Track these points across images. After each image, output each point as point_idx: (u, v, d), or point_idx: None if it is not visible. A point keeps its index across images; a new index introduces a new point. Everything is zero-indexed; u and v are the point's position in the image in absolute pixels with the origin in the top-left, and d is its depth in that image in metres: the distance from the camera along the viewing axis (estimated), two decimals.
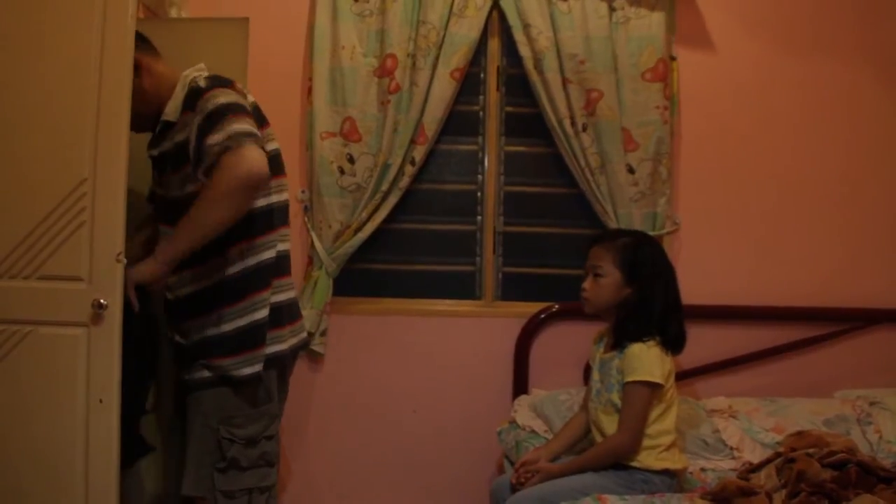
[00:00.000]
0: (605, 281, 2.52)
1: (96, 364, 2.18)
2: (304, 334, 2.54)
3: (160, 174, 2.39)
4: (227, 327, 2.30)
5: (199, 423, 2.31)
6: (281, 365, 2.42)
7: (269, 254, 2.33)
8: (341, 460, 3.30)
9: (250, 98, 2.35)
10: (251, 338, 2.31)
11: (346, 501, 3.29)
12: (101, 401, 2.17)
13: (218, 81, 2.28)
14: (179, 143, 2.27)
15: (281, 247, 2.38)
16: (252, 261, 2.31)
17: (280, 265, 2.38)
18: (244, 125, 2.17)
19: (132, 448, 2.40)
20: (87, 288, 2.17)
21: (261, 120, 2.34)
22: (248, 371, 2.30)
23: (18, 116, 2.22)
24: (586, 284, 2.57)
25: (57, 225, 2.18)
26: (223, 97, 2.21)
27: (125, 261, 2.18)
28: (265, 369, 2.33)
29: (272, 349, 2.35)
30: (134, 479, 2.63)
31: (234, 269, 2.30)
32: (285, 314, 2.40)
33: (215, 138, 2.14)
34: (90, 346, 2.17)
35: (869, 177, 3.42)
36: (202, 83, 2.26)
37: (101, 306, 2.15)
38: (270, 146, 2.35)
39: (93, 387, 2.18)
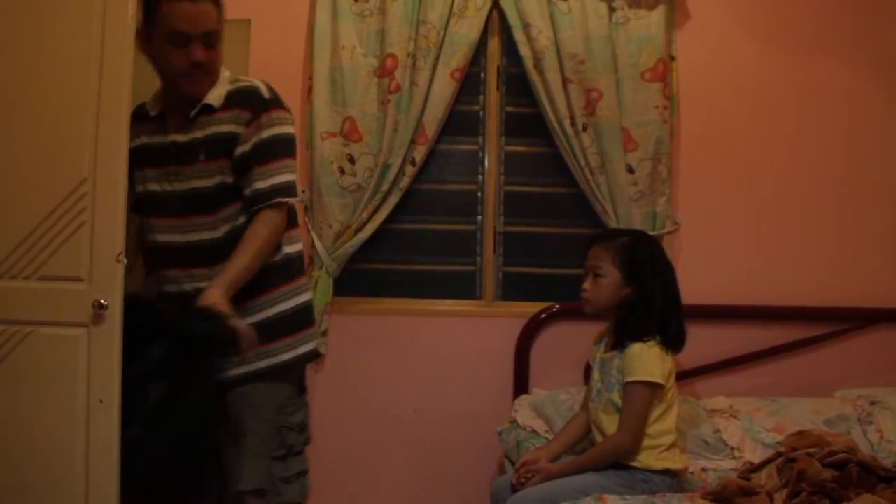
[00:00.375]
0: (604, 281, 2.52)
1: (97, 364, 2.17)
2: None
3: (184, 162, 2.35)
4: (284, 307, 2.39)
5: (252, 418, 2.34)
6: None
7: (298, 246, 2.47)
8: (342, 460, 3.29)
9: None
10: (307, 316, 2.46)
11: (346, 501, 3.29)
12: (101, 401, 2.17)
13: (278, 98, 2.38)
14: (223, 134, 2.31)
15: (299, 246, 2.49)
16: (290, 249, 2.43)
17: (301, 264, 2.51)
18: (294, 175, 2.36)
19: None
20: (87, 288, 2.17)
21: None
22: (306, 348, 2.43)
23: (18, 116, 2.21)
24: (586, 285, 2.57)
25: (57, 225, 2.17)
26: (289, 127, 2.36)
27: (125, 261, 2.18)
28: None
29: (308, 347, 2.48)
30: None
31: (276, 257, 2.38)
32: (313, 313, 2.53)
33: (271, 173, 2.30)
34: (91, 347, 2.17)
35: (869, 177, 3.42)
36: (264, 91, 2.35)
37: (101, 307, 2.14)
38: None
39: (93, 387, 2.17)
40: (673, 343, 2.50)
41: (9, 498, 2.21)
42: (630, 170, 3.22)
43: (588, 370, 2.76)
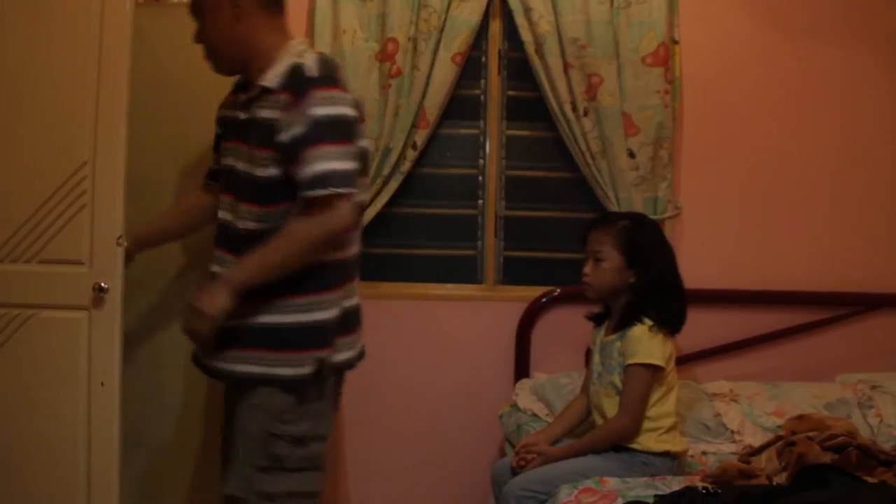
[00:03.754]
0: (605, 265, 2.52)
1: (98, 347, 2.19)
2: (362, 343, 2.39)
3: (240, 140, 2.18)
4: (289, 319, 2.13)
5: (247, 418, 2.15)
6: (343, 371, 2.30)
7: (350, 251, 2.23)
8: (341, 444, 3.30)
9: (351, 96, 2.16)
10: (313, 336, 2.16)
11: (346, 484, 3.30)
12: (102, 384, 2.19)
13: (327, 72, 2.11)
14: (270, 121, 2.08)
15: (356, 249, 2.28)
16: (330, 256, 2.16)
17: (355, 267, 2.29)
18: (342, 164, 2.05)
19: None
20: (88, 271, 2.18)
21: (359, 117, 2.19)
22: (291, 372, 2.12)
23: (18, 101, 2.22)
24: (587, 269, 2.57)
25: (58, 208, 2.18)
26: (334, 106, 2.06)
27: (126, 244, 2.18)
28: (331, 374, 2.21)
29: (342, 356, 2.23)
30: None
31: (327, 258, 2.15)
32: (355, 319, 2.30)
33: (315, 161, 2.02)
34: (91, 330, 2.19)
35: (871, 161, 3.40)
36: (311, 69, 2.09)
37: (101, 290, 2.16)
38: (361, 143, 2.21)
39: (94, 370, 2.19)
40: (673, 325, 2.50)
41: (11, 481, 2.22)
42: (631, 154, 3.22)
43: (589, 354, 2.77)
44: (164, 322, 2.66)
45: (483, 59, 3.39)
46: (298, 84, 2.06)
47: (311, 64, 2.10)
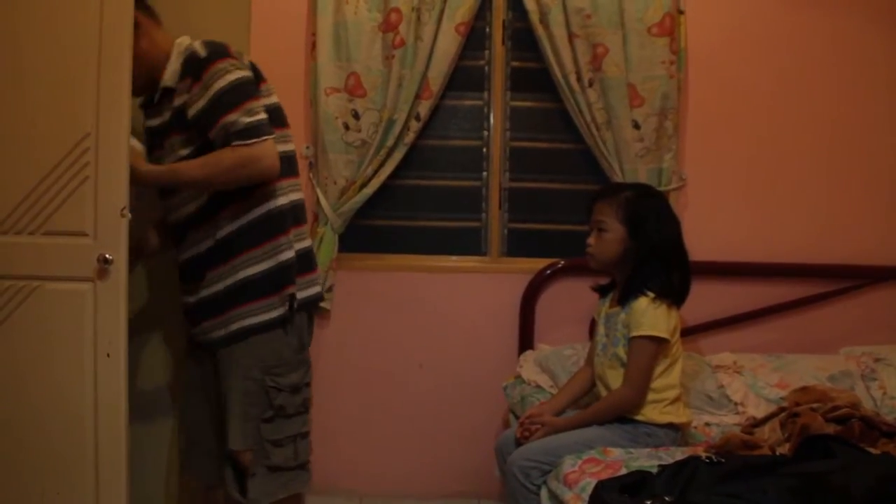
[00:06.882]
0: (608, 236, 2.52)
1: (103, 318, 2.19)
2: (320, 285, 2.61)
3: (159, 144, 2.43)
4: (261, 267, 2.36)
5: (240, 377, 2.35)
6: (311, 310, 2.50)
7: (283, 200, 2.40)
8: (346, 416, 3.32)
9: (245, 60, 2.40)
10: (280, 278, 2.38)
11: (351, 457, 3.32)
12: (108, 355, 2.19)
13: (215, 49, 2.33)
14: (179, 107, 2.33)
15: (294, 196, 2.46)
16: (274, 204, 2.38)
17: (297, 214, 2.47)
18: (260, 115, 2.29)
19: None
20: (92, 243, 2.18)
21: (258, 77, 2.41)
22: (275, 314, 2.37)
23: (20, 73, 2.21)
24: (591, 240, 2.57)
25: (61, 180, 2.18)
26: (231, 73, 2.28)
27: (129, 215, 2.18)
28: (298, 311, 2.41)
29: (306, 293, 2.45)
30: None
31: (250, 217, 2.36)
32: (312, 260, 2.52)
33: (234, 120, 2.24)
34: (97, 301, 2.19)
35: (876, 133, 3.38)
36: (200, 51, 2.32)
37: (106, 261, 2.16)
38: (269, 101, 2.41)
39: (100, 341, 2.19)
40: (677, 297, 2.50)
41: (17, 451, 2.23)
42: (636, 126, 3.20)
43: (593, 325, 2.77)
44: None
45: (487, 29, 3.36)
46: (195, 67, 2.30)
47: (198, 48, 2.33)
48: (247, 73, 2.33)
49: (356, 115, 3.16)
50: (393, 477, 3.34)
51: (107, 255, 2.15)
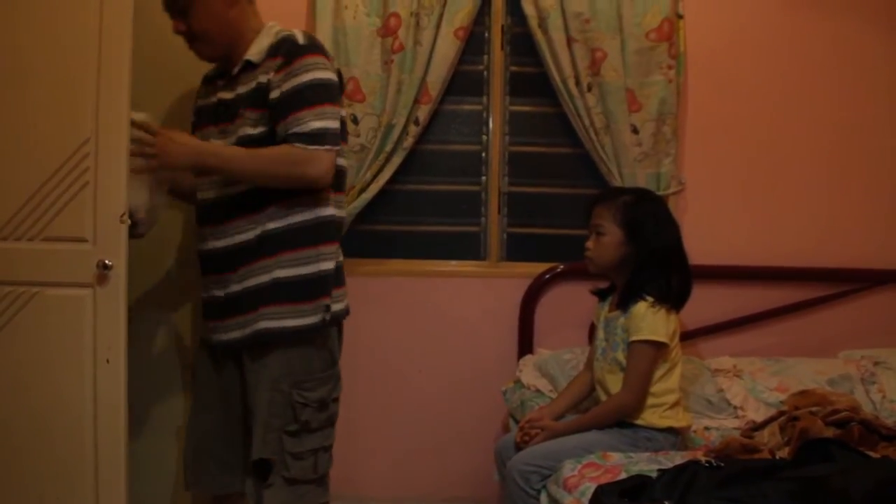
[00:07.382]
0: (606, 240, 2.52)
1: (102, 324, 2.18)
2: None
3: (230, 118, 2.34)
4: (289, 273, 2.30)
5: (268, 388, 2.29)
6: (340, 323, 2.47)
7: (334, 210, 2.38)
8: (346, 420, 3.28)
9: (335, 65, 2.38)
10: (317, 287, 2.33)
11: (350, 461, 3.31)
12: (107, 361, 2.19)
13: (314, 42, 2.32)
14: (261, 85, 2.27)
15: (341, 212, 2.45)
16: (325, 212, 2.34)
17: (340, 229, 2.45)
18: (333, 123, 2.26)
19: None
20: (91, 249, 2.17)
21: (342, 87, 2.42)
22: (305, 322, 2.31)
23: (20, 78, 2.20)
24: (589, 244, 2.57)
25: (61, 186, 2.17)
26: (324, 72, 2.27)
27: (129, 221, 2.18)
28: (329, 326, 2.37)
29: (338, 305, 2.40)
30: None
31: (302, 217, 2.31)
32: (343, 275, 2.46)
33: (307, 119, 2.21)
34: (96, 307, 2.18)
35: (876, 136, 3.39)
36: (300, 38, 2.30)
37: (106, 267, 2.15)
38: (342, 111, 2.39)
39: (99, 347, 2.18)
40: (676, 301, 2.50)
41: (17, 458, 2.23)
42: (634, 130, 3.20)
43: (592, 329, 2.77)
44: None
45: (486, 33, 3.37)
46: (291, 50, 2.26)
47: (299, 35, 2.31)
48: (335, 77, 2.31)
49: (355, 120, 3.16)
50: (392, 480, 3.34)
51: (106, 261, 2.15)
